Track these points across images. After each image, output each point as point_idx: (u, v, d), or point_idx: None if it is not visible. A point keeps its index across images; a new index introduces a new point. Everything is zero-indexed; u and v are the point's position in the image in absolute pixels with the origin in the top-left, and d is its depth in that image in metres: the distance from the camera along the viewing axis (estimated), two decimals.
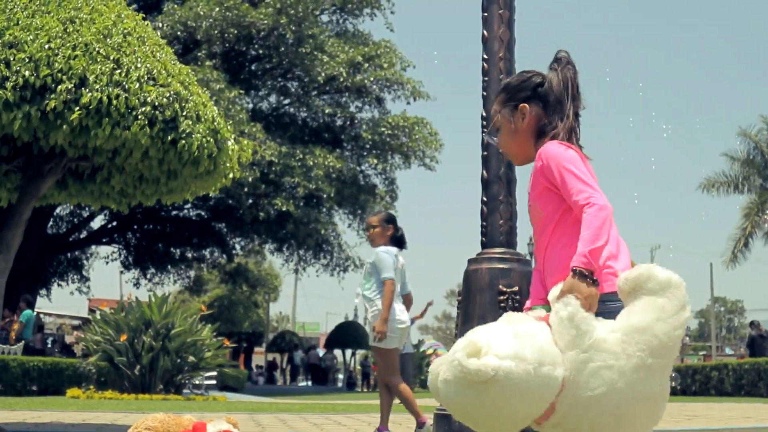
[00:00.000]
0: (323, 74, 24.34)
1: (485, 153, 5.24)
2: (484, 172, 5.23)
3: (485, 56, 5.35)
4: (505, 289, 5.03)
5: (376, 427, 6.71)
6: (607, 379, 2.19)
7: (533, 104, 2.76)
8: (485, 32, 5.40)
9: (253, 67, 26.47)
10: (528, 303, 2.91)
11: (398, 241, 6.76)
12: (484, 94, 5.31)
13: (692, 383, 22.73)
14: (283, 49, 24.42)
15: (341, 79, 24.65)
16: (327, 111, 26.34)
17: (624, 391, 2.19)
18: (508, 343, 2.17)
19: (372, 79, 25.45)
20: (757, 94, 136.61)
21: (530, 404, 2.17)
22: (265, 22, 22.99)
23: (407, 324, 6.75)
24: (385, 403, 6.66)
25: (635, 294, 2.32)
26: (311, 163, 22.61)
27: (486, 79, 5.33)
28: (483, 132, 2.66)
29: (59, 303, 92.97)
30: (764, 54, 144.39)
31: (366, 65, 25.31)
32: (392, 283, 6.38)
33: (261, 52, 25.36)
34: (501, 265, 5.14)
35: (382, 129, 25.25)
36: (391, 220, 6.80)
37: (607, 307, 2.41)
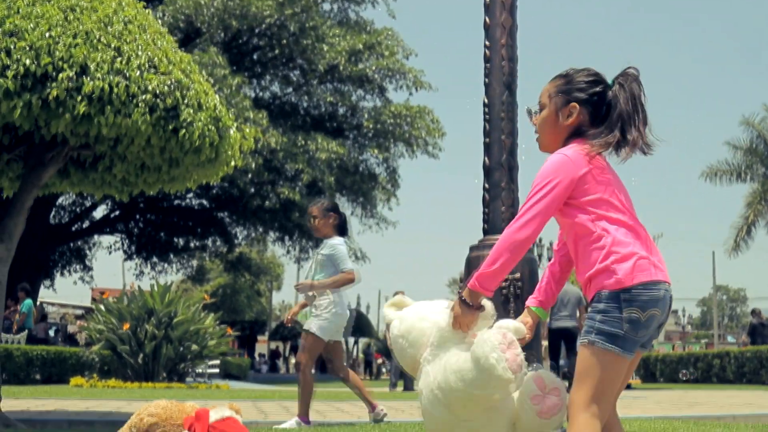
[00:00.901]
0: (324, 63, 24.30)
1: (487, 140, 5.24)
2: (486, 159, 5.23)
3: (487, 43, 5.34)
4: (507, 276, 5.03)
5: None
6: (425, 382, 2.82)
7: (583, 108, 2.79)
8: (487, 19, 5.39)
9: (254, 57, 26.42)
10: (528, 300, 3.10)
11: (341, 229, 6.91)
12: (486, 80, 5.31)
13: (694, 371, 22.76)
14: (284, 40, 24.37)
15: (341, 68, 24.60)
16: (329, 100, 26.29)
17: (431, 402, 2.79)
18: (408, 313, 3.06)
19: (374, 68, 25.39)
20: (760, 83, 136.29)
21: (404, 362, 3.04)
22: (268, 13, 22.95)
23: (348, 315, 6.95)
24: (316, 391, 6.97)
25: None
26: (314, 148, 22.58)
27: (488, 65, 5.32)
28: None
29: (63, 293, 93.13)
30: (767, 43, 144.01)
31: (366, 53, 25.24)
32: (353, 274, 6.52)
33: (262, 42, 25.32)
34: None
35: (384, 118, 25.21)
36: (332, 208, 6.92)
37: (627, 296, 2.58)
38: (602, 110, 2.78)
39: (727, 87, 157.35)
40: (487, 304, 2.82)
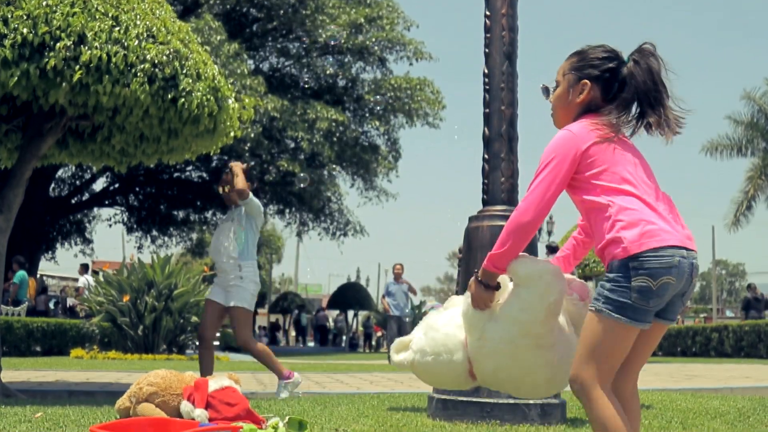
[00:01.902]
0: (324, 35, 24.17)
1: (487, 111, 5.21)
2: (486, 129, 5.20)
3: (488, 12, 5.29)
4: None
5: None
6: (495, 360, 2.76)
7: (595, 84, 2.77)
8: None
9: (254, 28, 26.28)
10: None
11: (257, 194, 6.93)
12: (486, 51, 5.27)
13: (692, 344, 22.83)
14: (282, 11, 24.23)
15: (342, 41, 24.48)
16: (329, 72, 26.18)
17: (510, 366, 2.76)
18: (418, 340, 2.95)
19: (374, 40, 25.27)
20: (761, 57, 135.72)
21: (442, 379, 2.95)
22: None
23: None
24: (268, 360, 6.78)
25: (514, 283, 2.76)
26: (313, 116, 22.48)
27: (488, 35, 5.28)
28: (544, 86, 2.78)
29: (63, 265, 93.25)
30: None
31: (368, 26, 25.11)
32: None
33: (261, 13, 25.17)
34: (502, 223, 5.13)
35: (385, 91, 25.11)
36: (248, 177, 6.83)
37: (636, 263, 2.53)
38: (614, 87, 2.76)
39: (728, 61, 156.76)
40: (504, 279, 2.80)
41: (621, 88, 2.75)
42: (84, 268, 21.34)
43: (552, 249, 15.37)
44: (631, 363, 2.70)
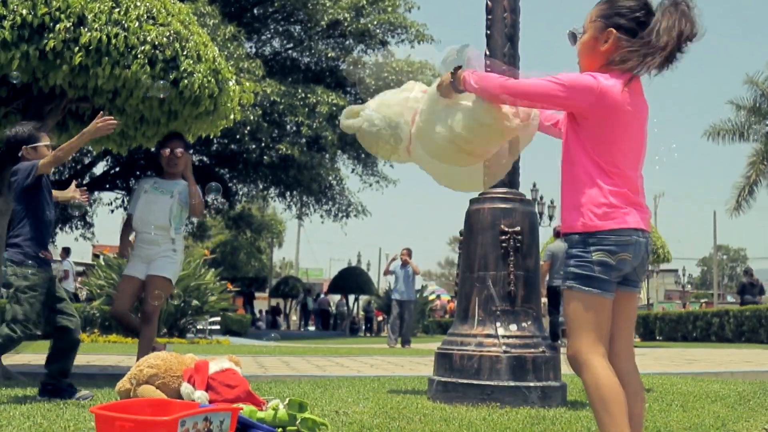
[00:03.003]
0: (326, 18, 24.07)
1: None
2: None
3: None
4: (506, 229, 5.02)
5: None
6: (431, 145, 3.14)
7: (622, 33, 2.75)
8: None
9: (255, 11, 26.18)
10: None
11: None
12: (488, 32, 5.24)
13: (693, 329, 22.85)
14: None
15: (345, 24, 24.37)
16: (330, 55, 26.09)
17: (440, 156, 3.13)
18: (369, 112, 3.41)
19: (375, 23, 25.16)
20: (764, 42, 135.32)
21: (382, 148, 3.40)
22: None
23: None
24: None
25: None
26: (314, 101, 22.42)
27: (490, 17, 5.26)
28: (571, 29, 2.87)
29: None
30: None
31: (369, 9, 25.01)
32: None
33: None
34: (503, 205, 5.13)
35: (386, 74, 25.02)
36: (189, 146, 6.63)
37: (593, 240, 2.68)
38: (643, 37, 2.72)
39: (730, 46, 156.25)
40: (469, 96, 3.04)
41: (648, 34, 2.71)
42: (66, 252, 21.34)
43: (557, 233, 15.38)
44: (616, 337, 2.77)
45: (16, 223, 4.98)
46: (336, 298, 44.73)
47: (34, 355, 9.87)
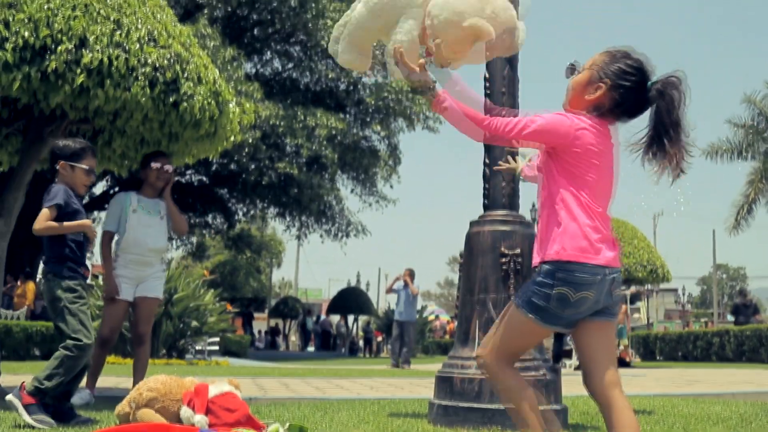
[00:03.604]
0: (326, 39, 24.14)
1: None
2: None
3: None
4: (507, 252, 5.01)
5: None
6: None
7: (613, 92, 2.86)
8: None
9: (255, 32, 26.27)
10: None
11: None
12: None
13: (694, 349, 22.79)
14: (285, 14, 24.22)
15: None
16: (330, 76, 26.17)
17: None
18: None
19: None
20: (761, 61, 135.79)
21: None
22: None
23: None
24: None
25: None
26: (313, 124, 22.46)
27: None
28: (570, 64, 2.97)
29: None
30: None
31: None
32: None
33: (262, 16, 25.15)
34: (503, 228, 5.12)
35: (386, 94, 25.07)
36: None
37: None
38: (626, 103, 2.86)
39: (728, 64, 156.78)
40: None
41: (637, 107, 2.87)
42: None
43: None
44: (600, 368, 2.83)
45: (51, 242, 4.91)
46: (337, 318, 44.65)
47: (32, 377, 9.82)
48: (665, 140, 2.81)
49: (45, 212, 4.81)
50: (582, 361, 2.86)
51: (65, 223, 4.84)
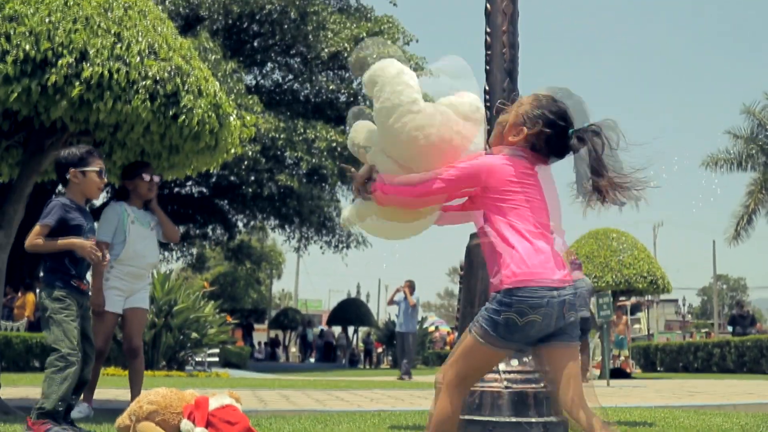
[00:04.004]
0: (327, 51, 24.20)
1: (489, 128, 5.20)
2: (488, 146, 5.19)
3: (488, 29, 5.30)
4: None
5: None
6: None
7: (533, 138, 3.04)
8: (488, 5, 5.35)
9: (255, 44, 26.33)
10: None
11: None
12: (487, 68, 5.27)
13: (694, 360, 22.76)
14: (286, 26, 24.28)
15: (345, 56, 24.50)
16: (330, 87, 26.21)
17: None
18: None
19: (375, 55, 25.27)
20: (761, 72, 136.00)
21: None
22: (270, 0, 22.91)
23: None
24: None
25: None
26: (313, 137, 22.49)
27: (489, 52, 5.28)
28: (499, 102, 3.10)
29: None
30: None
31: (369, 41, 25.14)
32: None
33: (263, 29, 25.22)
34: None
35: None
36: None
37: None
38: (547, 147, 3.04)
39: (727, 75, 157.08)
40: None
41: (556, 150, 3.06)
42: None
43: (575, 266, 15.40)
44: (564, 390, 2.97)
45: (48, 253, 4.87)
46: (338, 330, 44.60)
47: (33, 389, 9.81)
48: (593, 178, 2.98)
49: (36, 229, 4.75)
50: (547, 381, 3.02)
51: (58, 241, 4.76)
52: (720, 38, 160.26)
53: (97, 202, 28.29)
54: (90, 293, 5.27)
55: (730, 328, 26.03)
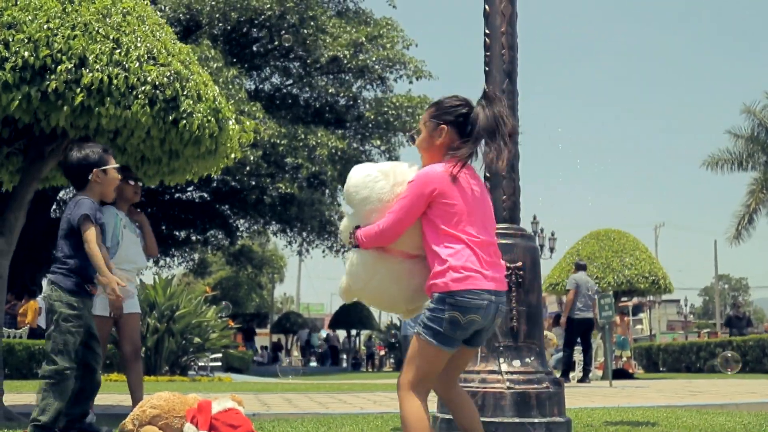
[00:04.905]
0: (326, 55, 24.22)
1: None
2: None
3: (487, 31, 5.31)
4: (508, 265, 5.01)
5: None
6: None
7: (451, 128, 3.34)
8: (487, 7, 5.36)
9: (254, 48, 26.37)
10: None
11: None
12: (486, 69, 5.27)
13: (696, 360, 22.75)
14: (284, 31, 24.32)
15: (344, 60, 24.53)
16: (330, 91, 26.23)
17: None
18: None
19: (374, 59, 25.32)
20: (761, 71, 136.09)
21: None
22: (268, 5, 22.93)
23: None
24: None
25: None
26: (313, 143, 22.51)
27: (488, 54, 5.29)
28: (408, 132, 3.39)
29: None
30: None
31: (368, 45, 25.18)
32: None
33: (262, 33, 25.26)
34: (504, 241, 5.12)
35: (386, 109, 25.14)
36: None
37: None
38: (467, 129, 3.33)
39: (728, 75, 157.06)
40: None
41: (472, 129, 3.32)
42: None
43: (580, 266, 15.45)
44: (449, 375, 3.40)
45: (66, 250, 4.78)
46: (343, 334, 44.57)
47: (35, 396, 9.81)
48: (493, 142, 3.29)
49: (93, 231, 4.69)
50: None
51: (102, 265, 4.72)
52: (720, 38, 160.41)
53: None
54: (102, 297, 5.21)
55: (727, 330, 26.15)
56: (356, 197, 3.52)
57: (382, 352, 40.59)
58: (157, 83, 5.82)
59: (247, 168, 21.64)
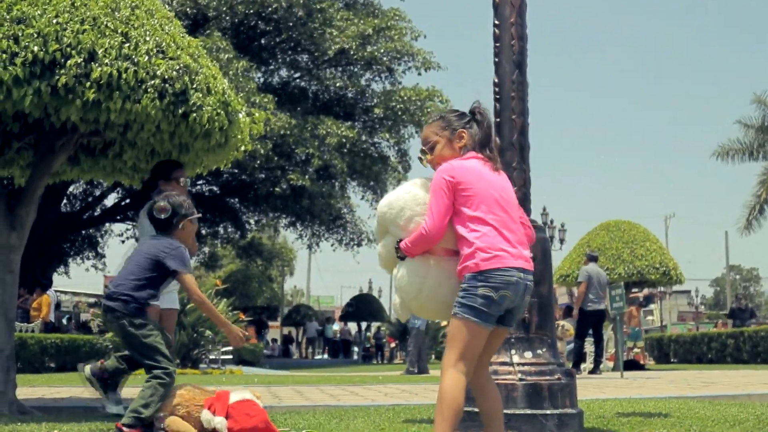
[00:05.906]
0: (333, 48, 24.18)
1: (498, 120, 5.20)
2: (497, 139, 5.18)
3: (496, 22, 5.29)
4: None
5: None
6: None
7: (470, 131, 3.64)
8: None
9: (262, 42, 26.34)
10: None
11: None
12: (496, 60, 5.26)
13: (708, 351, 22.68)
14: (292, 24, 24.29)
15: (352, 53, 24.48)
16: (338, 84, 26.19)
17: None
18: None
19: (382, 50, 25.25)
20: None
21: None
22: None
23: None
24: None
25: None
26: (323, 132, 22.48)
27: (498, 45, 5.27)
28: (420, 150, 3.81)
29: (76, 281, 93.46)
30: None
31: (376, 37, 25.11)
32: None
33: (270, 26, 25.23)
34: None
35: (394, 103, 25.07)
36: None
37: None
38: (481, 128, 3.65)
39: (738, 65, 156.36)
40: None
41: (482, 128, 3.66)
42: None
43: (592, 258, 15.46)
44: (482, 358, 3.53)
45: (140, 282, 4.61)
46: (355, 327, 44.57)
47: (48, 389, 9.87)
48: (488, 149, 3.62)
49: (193, 280, 4.62)
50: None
51: (228, 323, 4.76)
52: (729, 27, 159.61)
53: (109, 202, 28.39)
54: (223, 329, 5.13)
55: (730, 322, 26.15)
56: (391, 213, 3.64)
57: (393, 344, 40.59)
58: (166, 77, 5.82)
59: (258, 161, 21.64)
